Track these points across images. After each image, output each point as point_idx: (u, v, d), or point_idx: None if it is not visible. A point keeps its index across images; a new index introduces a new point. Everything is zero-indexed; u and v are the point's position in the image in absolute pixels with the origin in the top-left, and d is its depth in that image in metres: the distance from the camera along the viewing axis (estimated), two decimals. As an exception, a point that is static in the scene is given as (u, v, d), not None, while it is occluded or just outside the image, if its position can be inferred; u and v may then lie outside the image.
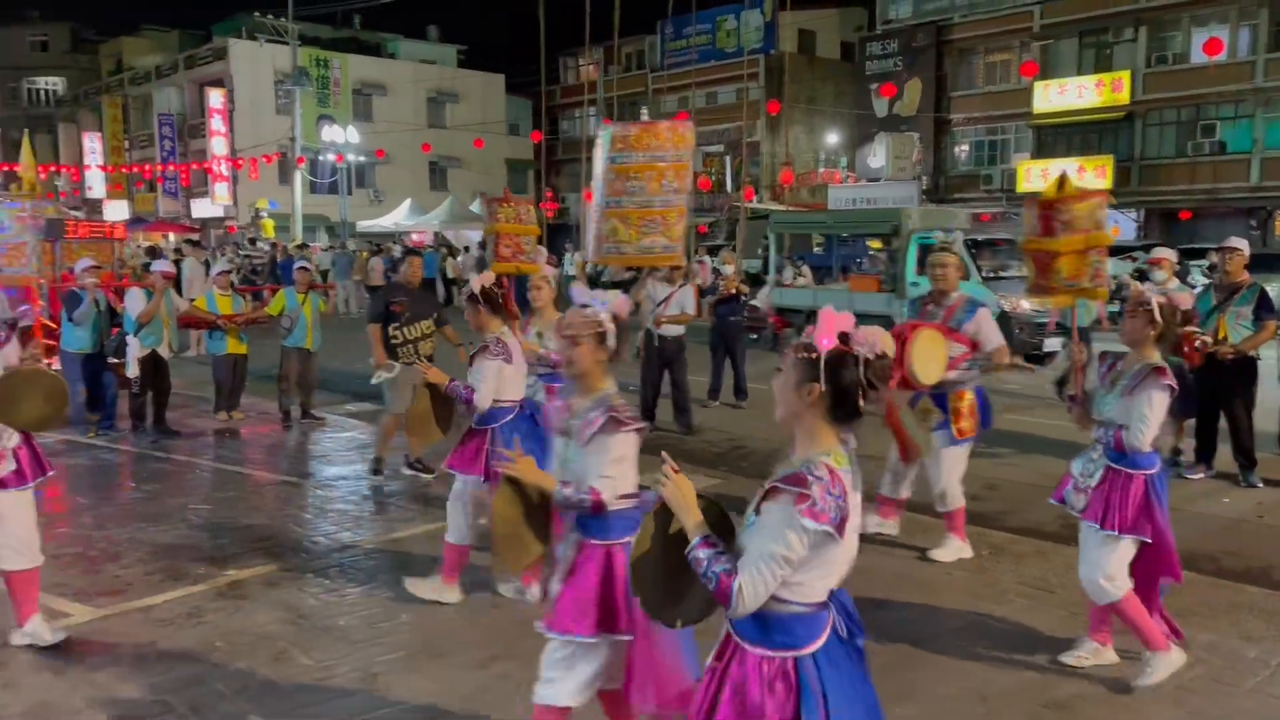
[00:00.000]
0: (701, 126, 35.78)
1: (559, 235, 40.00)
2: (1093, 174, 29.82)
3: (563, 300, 4.77)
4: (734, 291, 11.08)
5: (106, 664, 4.32)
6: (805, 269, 18.99)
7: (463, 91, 46.19)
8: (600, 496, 3.04)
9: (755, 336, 17.40)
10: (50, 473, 4.66)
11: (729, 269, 11.64)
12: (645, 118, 9.20)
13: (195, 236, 32.26)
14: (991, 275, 14.16)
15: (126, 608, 4.97)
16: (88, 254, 11.09)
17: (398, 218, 35.59)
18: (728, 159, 39.30)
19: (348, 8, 43.97)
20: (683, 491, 2.43)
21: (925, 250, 14.32)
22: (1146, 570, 4.24)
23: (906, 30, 35.24)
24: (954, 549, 5.79)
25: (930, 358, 5.29)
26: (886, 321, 13.77)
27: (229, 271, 10.87)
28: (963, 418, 5.69)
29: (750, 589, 2.22)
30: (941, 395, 5.62)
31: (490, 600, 5.07)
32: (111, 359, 9.10)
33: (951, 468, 5.78)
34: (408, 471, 7.62)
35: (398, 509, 6.79)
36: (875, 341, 2.32)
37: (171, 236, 34.46)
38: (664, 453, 2.59)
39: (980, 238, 15.14)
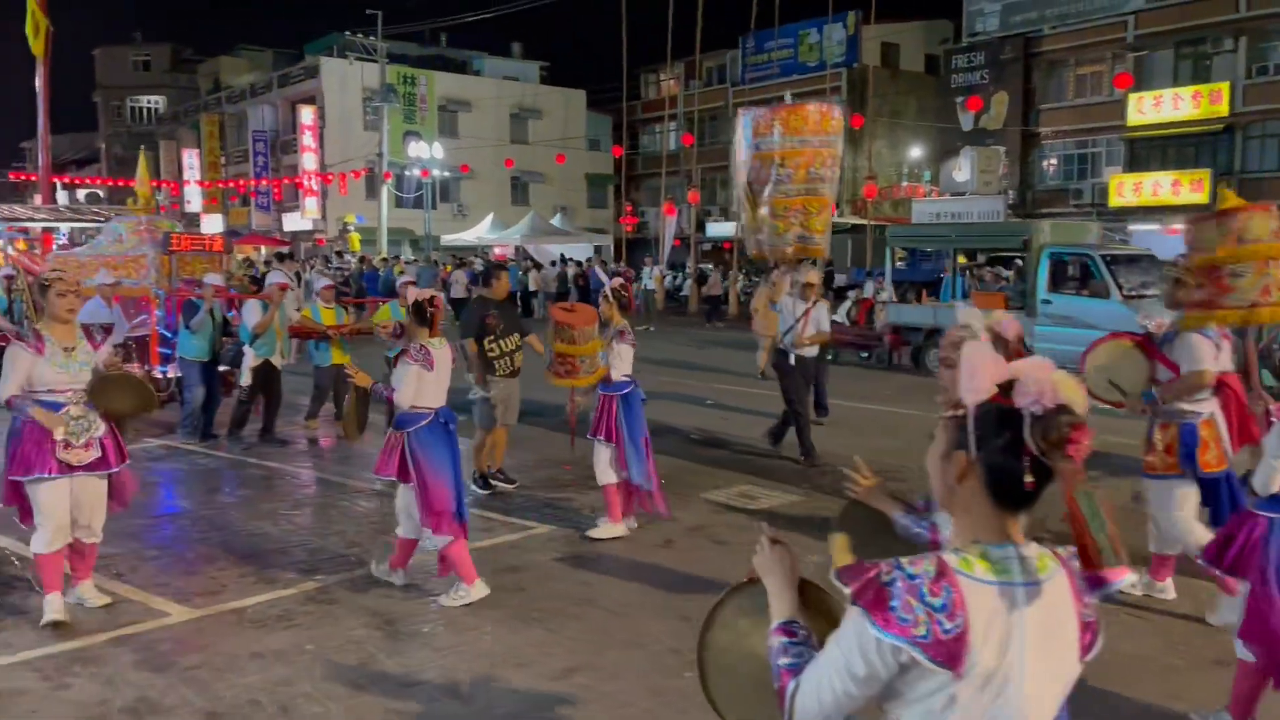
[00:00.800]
0: (782, 141, 35.67)
1: (638, 249, 40.18)
2: (1189, 188, 28.89)
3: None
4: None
5: (202, 662, 4.46)
6: (888, 284, 18.72)
7: (545, 107, 46.76)
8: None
9: (866, 354, 17.02)
10: (127, 462, 5.08)
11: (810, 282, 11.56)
12: (789, 101, 9.49)
13: (286, 249, 33.21)
14: (1133, 294, 13.24)
15: (221, 609, 5.12)
16: (202, 267, 11.40)
17: (480, 232, 36.16)
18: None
19: (435, 26, 45.05)
20: (781, 565, 1.92)
21: (1058, 265, 14.01)
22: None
23: (993, 42, 34.62)
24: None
25: (1123, 367, 4.73)
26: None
27: (334, 285, 11.12)
28: (1208, 449, 4.89)
29: (804, 699, 1.63)
30: (1190, 426, 4.91)
31: (572, 614, 5.10)
32: (225, 367, 9.42)
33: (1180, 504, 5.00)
34: (493, 482, 7.70)
35: (478, 519, 6.87)
36: (1048, 389, 1.57)
37: (263, 249, 35.51)
38: (764, 523, 2.13)
39: (1118, 254, 14.39)
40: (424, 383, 5.16)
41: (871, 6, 27.47)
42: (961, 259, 34.29)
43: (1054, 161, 34.16)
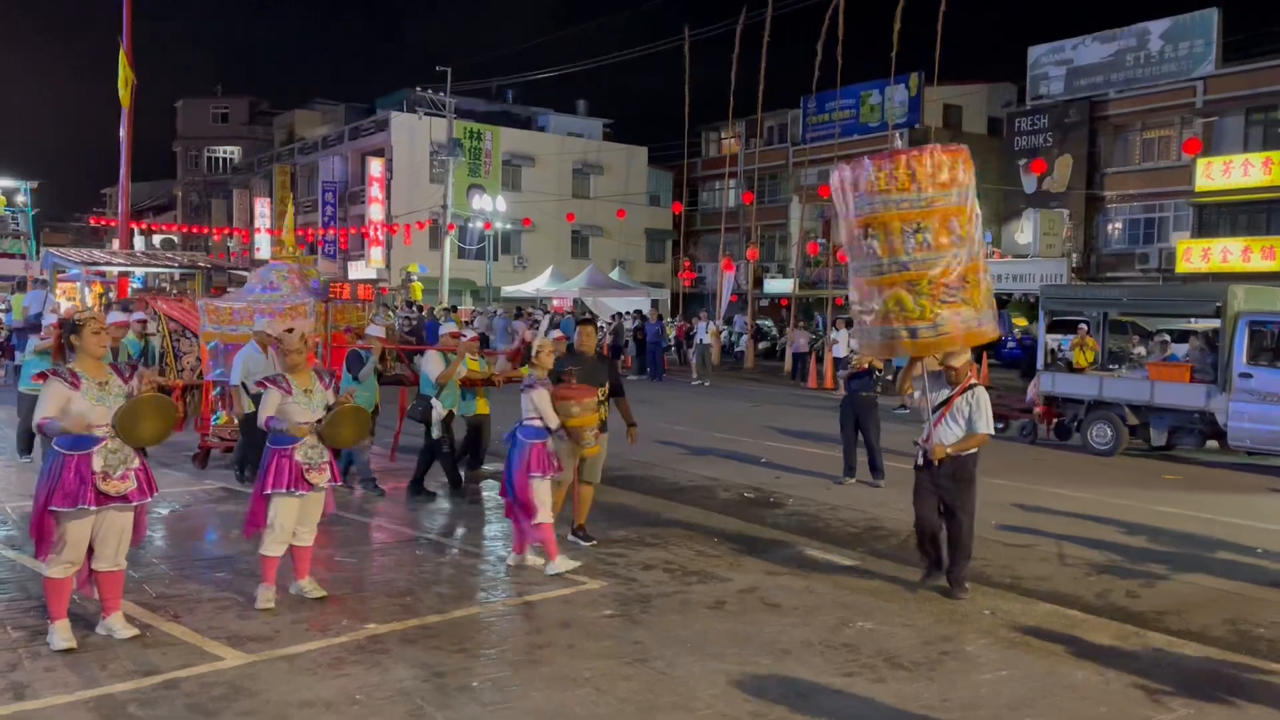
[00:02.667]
0: (842, 200, 35.67)
1: (693, 303, 40.31)
2: (1260, 255, 28.29)
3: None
4: (867, 366, 10.85)
5: (252, 709, 4.48)
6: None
7: (607, 163, 47.43)
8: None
9: (1002, 425, 14.69)
10: (157, 493, 5.33)
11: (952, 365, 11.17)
12: (899, 144, 7.94)
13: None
14: None
15: (274, 654, 5.15)
16: (357, 315, 11.38)
17: (540, 284, 36.59)
18: (868, 232, 38.91)
19: (502, 83, 46.05)
20: None
21: (1257, 334, 12.52)
22: None
23: (1058, 106, 34.44)
24: None
25: None
26: (1207, 420, 12.73)
27: (479, 336, 11.22)
28: None
29: None
30: None
31: (621, 673, 5.04)
32: (416, 421, 9.35)
33: None
34: (571, 539, 7.63)
35: (534, 573, 6.85)
36: None
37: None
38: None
39: None
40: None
41: (935, 68, 27.48)
42: (1022, 320, 33.78)
43: (1119, 225, 33.70)
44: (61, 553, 5.01)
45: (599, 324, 28.66)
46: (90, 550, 5.13)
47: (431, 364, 9.29)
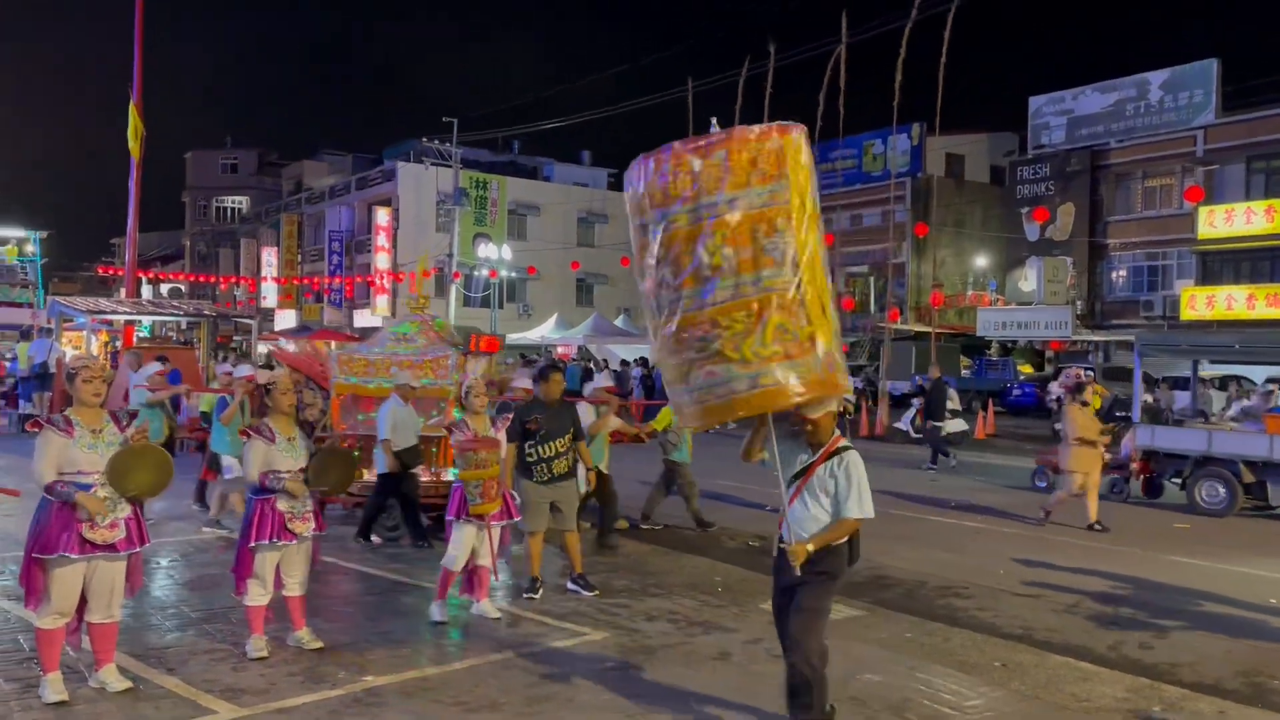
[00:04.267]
0: (846, 248, 35.88)
1: (700, 352, 40.27)
2: (1265, 303, 28.28)
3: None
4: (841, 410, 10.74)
5: (246, 764, 4.37)
6: (953, 393, 18.35)
7: (612, 212, 47.76)
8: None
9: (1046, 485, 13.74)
10: (148, 544, 5.23)
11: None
12: (716, 129, 4.30)
13: (355, 345, 33.96)
14: None
15: (268, 708, 5.04)
16: (495, 368, 11.22)
17: (544, 331, 36.68)
18: (872, 280, 39.05)
19: (508, 134, 46.53)
20: None
21: None
22: None
23: (1059, 155, 34.70)
24: None
25: None
26: None
27: (615, 386, 11.20)
28: None
29: None
30: None
31: (623, 725, 4.92)
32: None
33: None
34: (571, 588, 7.53)
35: (536, 625, 6.74)
36: None
37: (334, 345, 36.37)
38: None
39: None
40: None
41: (936, 118, 27.72)
42: (1027, 368, 33.69)
43: (1123, 273, 33.77)
44: (51, 602, 4.94)
45: (606, 369, 28.67)
46: (84, 601, 5.06)
47: (583, 415, 9.01)
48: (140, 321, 22.47)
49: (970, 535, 10.70)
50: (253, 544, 5.70)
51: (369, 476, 9.33)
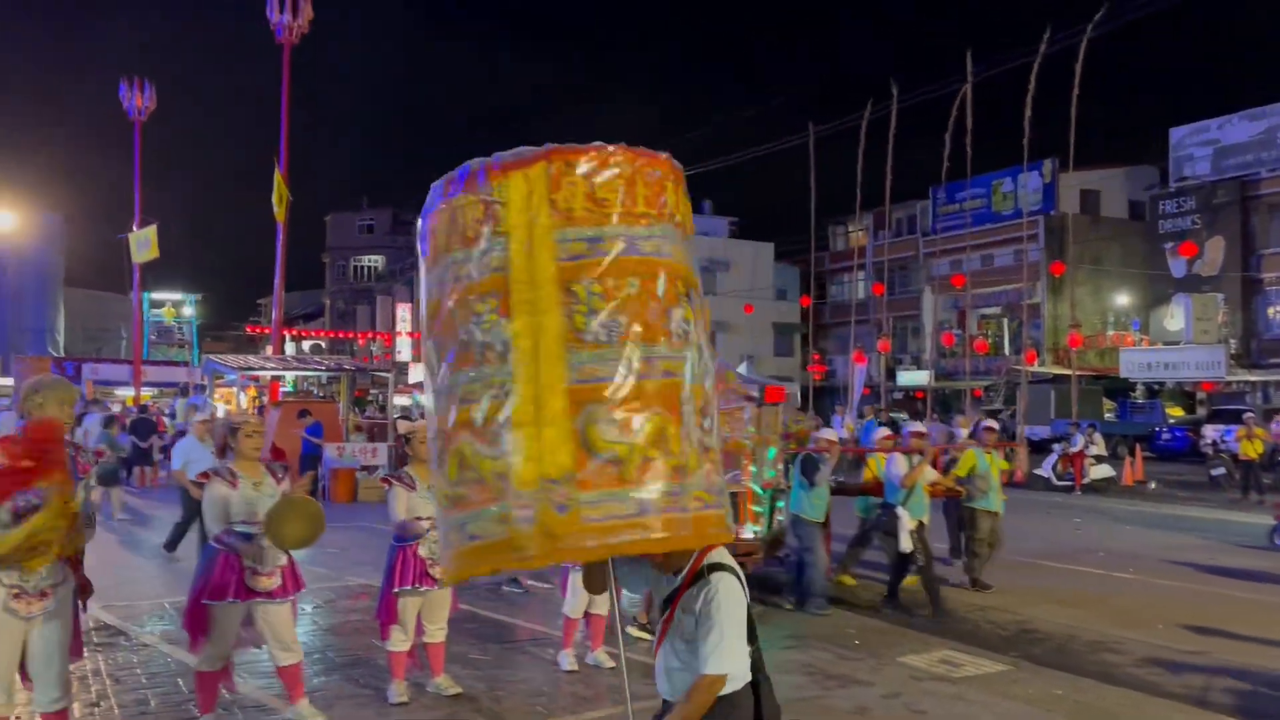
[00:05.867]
0: (977, 289, 34.93)
1: (825, 397, 39.74)
2: None
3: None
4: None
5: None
6: (1098, 437, 17.52)
7: (734, 259, 47.85)
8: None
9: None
10: (302, 589, 5.46)
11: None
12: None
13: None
14: None
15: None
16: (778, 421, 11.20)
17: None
18: (1005, 322, 37.88)
19: (630, 187, 47.25)
20: None
21: None
22: None
23: (1205, 187, 33.16)
24: None
25: None
26: None
27: (892, 435, 10.40)
28: None
29: None
30: None
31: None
32: (882, 532, 8.89)
33: None
34: (634, 633, 7.44)
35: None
36: None
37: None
38: None
39: None
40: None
41: (1070, 153, 26.86)
42: (1177, 410, 31.97)
43: (1280, 308, 31.86)
44: (212, 646, 5.19)
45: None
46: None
47: (896, 465, 8.69)
48: (285, 377, 23.55)
49: (1122, 587, 10.12)
50: (396, 589, 5.84)
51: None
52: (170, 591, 9.07)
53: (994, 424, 10.28)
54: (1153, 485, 20.12)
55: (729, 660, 2.99)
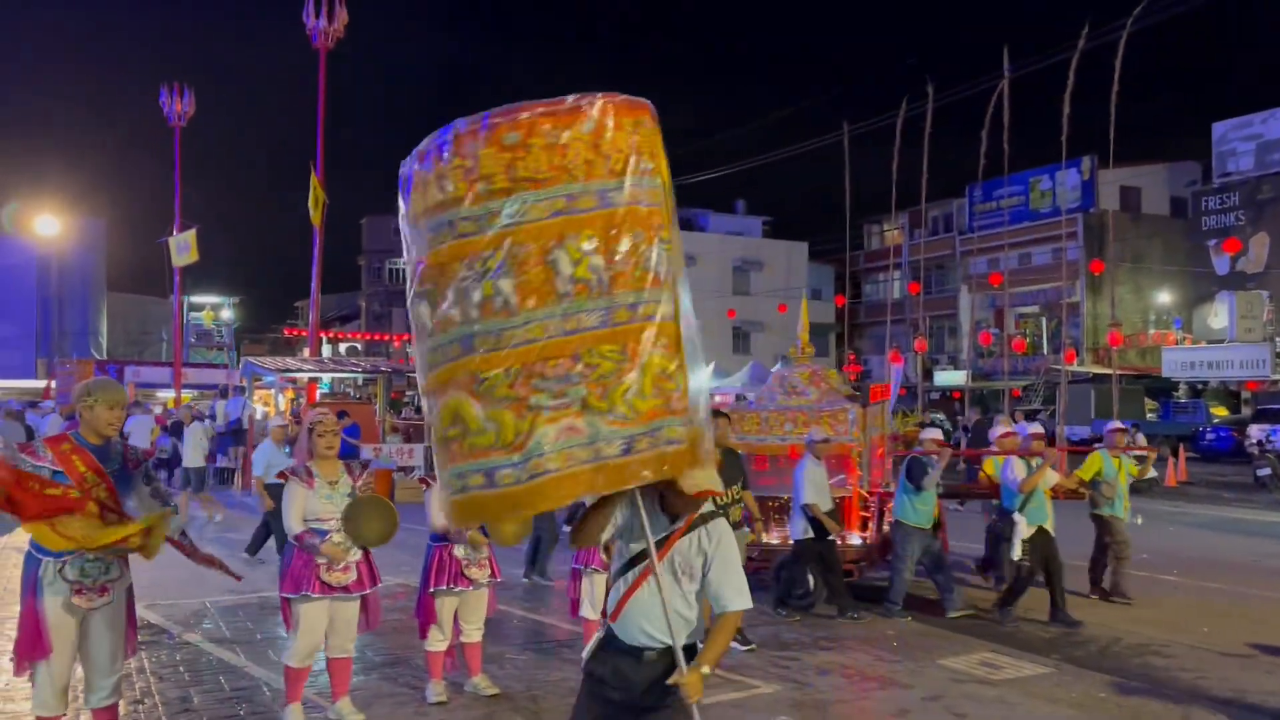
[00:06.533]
0: (1015, 288, 34.53)
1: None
2: None
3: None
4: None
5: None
6: (1140, 438, 17.21)
7: (767, 259, 47.68)
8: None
9: None
10: (379, 584, 5.57)
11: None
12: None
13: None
14: None
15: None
16: (897, 421, 10.33)
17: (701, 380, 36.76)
18: (1044, 320, 37.45)
19: (665, 186, 47.24)
20: None
21: None
22: None
23: (1249, 183, 32.59)
24: None
25: None
26: None
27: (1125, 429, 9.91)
28: None
29: None
30: None
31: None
32: (999, 538, 8.52)
33: None
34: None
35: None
36: None
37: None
38: None
39: None
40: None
41: (1109, 149, 26.48)
42: (1220, 411, 31.43)
43: (1327, 306, 31.21)
44: (298, 637, 5.33)
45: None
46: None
47: (1013, 470, 8.29)
48: (322, 379, 23.76)
49: (1168, 590, 9.96)
50: (432, 589, 5.89)
51: (767, 539, 8.85)
52: (212, 592, 9.18)
53: (1122, 425, 9.68)
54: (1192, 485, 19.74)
55: (744, 596, 3.27)
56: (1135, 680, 6.66)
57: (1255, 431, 24.91)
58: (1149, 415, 30.80)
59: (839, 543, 8.73)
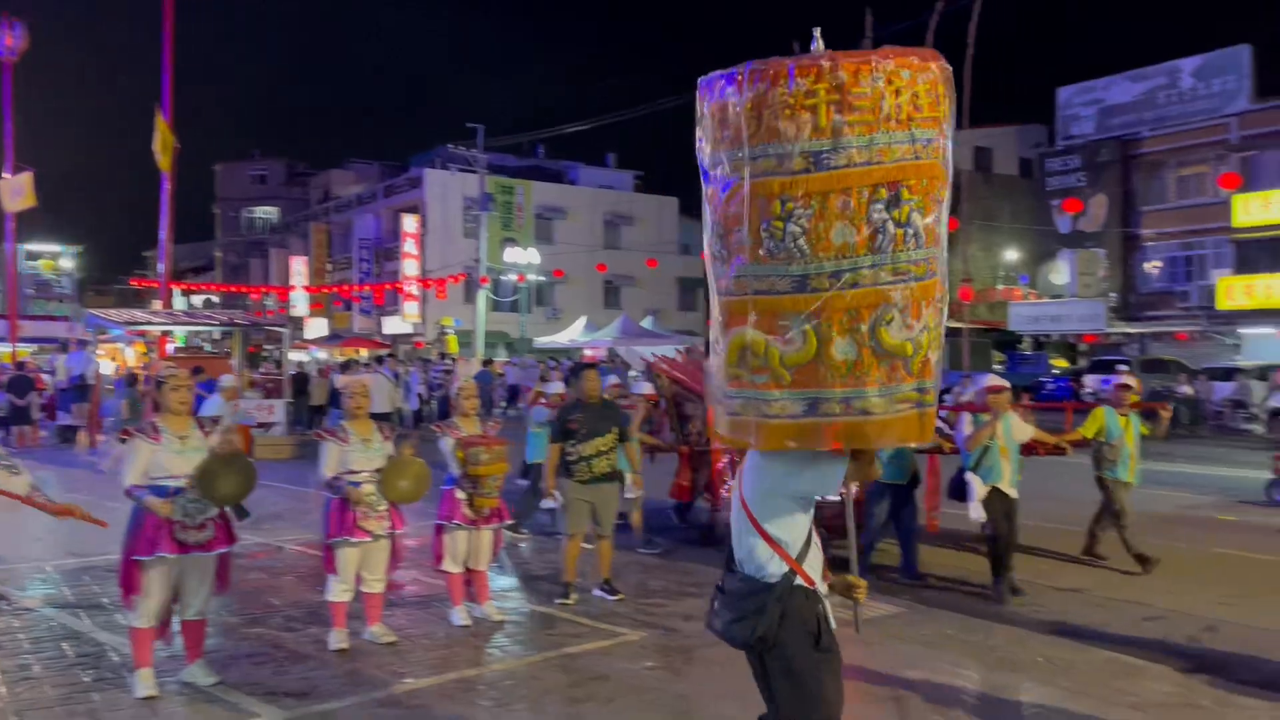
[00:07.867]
0: (874, 244, 35.53)
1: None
2: (1305, 290, 27.83)
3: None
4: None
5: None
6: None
7: (638, 214, 47.76)
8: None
9: None
10: (235, 544, 5.44)
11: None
12: (819, 44, 3.04)
13: (385, 351, 34.15)
14: None
15: (309, 710, 5.06)
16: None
17: (573, 334, 36.72)
18: (901, 277, 38.79)
19: (533, 138, 46.68)
20: None
21: None
22: None
23: (1090, 145, 34.32)
24: None
25: None
26: None
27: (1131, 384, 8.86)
28: None
29: None
30: None
31: (664, 725, 4.89)
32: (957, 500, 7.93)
33: None
34: (597, 594, 7.47)
35: (572, 626, 6.73)
36: None
37: (364, 351, 36.63)
38: None
39: None
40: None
41: (964, 111, 27.51)
42: (1060, 363, 33.31)
43: (1158, 264, 33.31)
44: (143, 599, 5.12)
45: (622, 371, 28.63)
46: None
47: (964, 426, 7.93)
48: (174, 332, 22.69)
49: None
50: (329, 539, 5.96)
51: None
52: (49, 554, 8.74)
53: (1131, 381, 8.86)
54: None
55: None
56: (979, 617, 7.06)
57: (1090, 381, 26.53)
58: (996, 367, 32.46)
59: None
